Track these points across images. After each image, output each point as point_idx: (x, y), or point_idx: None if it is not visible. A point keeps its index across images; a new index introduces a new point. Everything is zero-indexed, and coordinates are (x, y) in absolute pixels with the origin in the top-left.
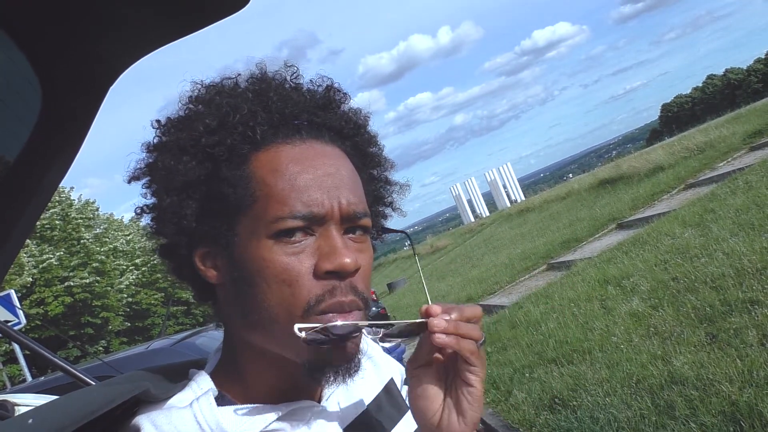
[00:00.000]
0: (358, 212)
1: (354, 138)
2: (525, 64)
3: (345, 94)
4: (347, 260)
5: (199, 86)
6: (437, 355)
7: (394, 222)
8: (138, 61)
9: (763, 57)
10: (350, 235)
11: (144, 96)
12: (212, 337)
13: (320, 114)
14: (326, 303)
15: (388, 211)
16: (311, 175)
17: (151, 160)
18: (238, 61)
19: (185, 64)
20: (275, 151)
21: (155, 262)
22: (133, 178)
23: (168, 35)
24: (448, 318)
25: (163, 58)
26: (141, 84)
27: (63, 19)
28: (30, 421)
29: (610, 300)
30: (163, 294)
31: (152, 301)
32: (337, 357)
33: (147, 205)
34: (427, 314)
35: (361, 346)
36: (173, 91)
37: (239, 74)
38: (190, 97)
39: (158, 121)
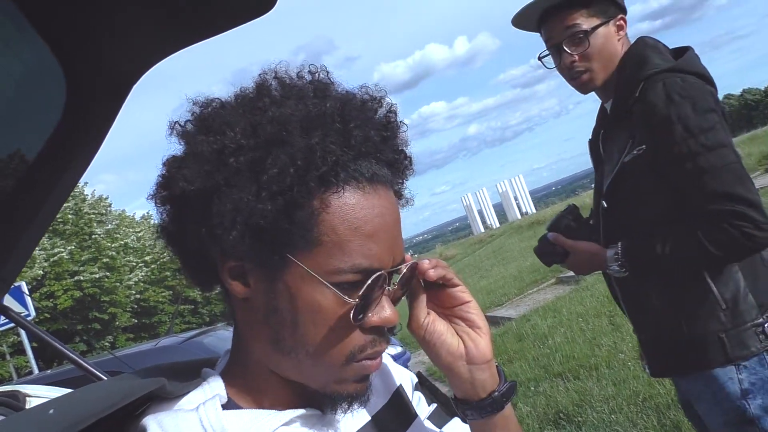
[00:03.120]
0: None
1: (404, 172)
2: (540, 77)
3: (397, 112)
4: (392, 316)
5: (265, 103)
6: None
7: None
8: (162, 61)
9: None
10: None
11: (158, 94)
12: (219, 337)
13: (384, 149)
14: (368, 352)
15: None
16: (374, 227)
17: (209, 184)
18: (253, 64)
19: (200, 65)
20: (346, 195)
21: (165, 260)
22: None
23: (194, 36)
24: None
25: (177, 58)
26: (155, 83)
27: (90, 15)
28: (51, 411)
29: (618, 316)
30: (170, 292)
31: (160, 299)
32: (358, 391)
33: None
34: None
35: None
36: (188, 90)
37: (300, 87)
38: (259, 107)
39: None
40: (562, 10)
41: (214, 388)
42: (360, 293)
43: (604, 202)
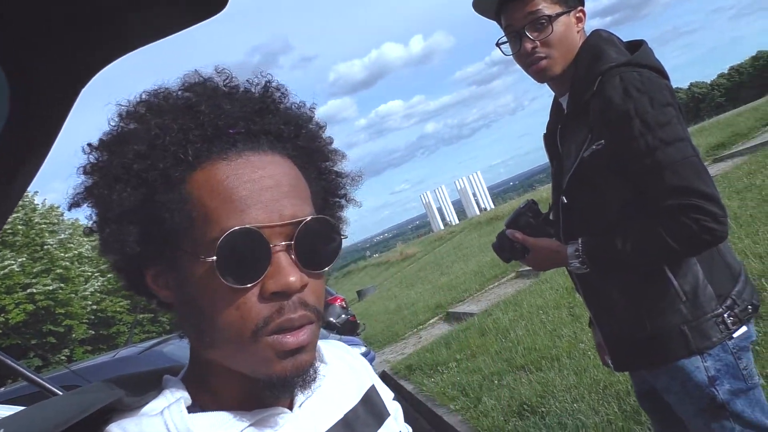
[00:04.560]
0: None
1: (296, 139)
2: (496, 74)
3: (284, 90)
4: (292, 279)
5: (129, 103)
6: None
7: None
8: (113, 63)
9: (725, 72)
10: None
11: (109, 97)
12: (180, 345)
13: (257, 120)
14: (275, 323)
15: (342, 202)
16: (248, 191)
17: (88, 184)
18: (207, 66)
19: (150, 66)
20: (210, 169)
21: None
22: (74, 204)
23: (142, 38)
24: None
25: (128, 59)
26: (104, 85)
27: (32, 17)
28: (1, 431)
29: (577, 307)
30: (129, 301)
31: (118, 309)
32: (290, 371)
33: (91, 228)
34: None
35: (319, 355)
36: (129, 96)
37: (167, 88)
38: (120, 114)
39: (90, 144)
40: None
41: (176, 393)
42: (227, 252)
43: (564, 197)
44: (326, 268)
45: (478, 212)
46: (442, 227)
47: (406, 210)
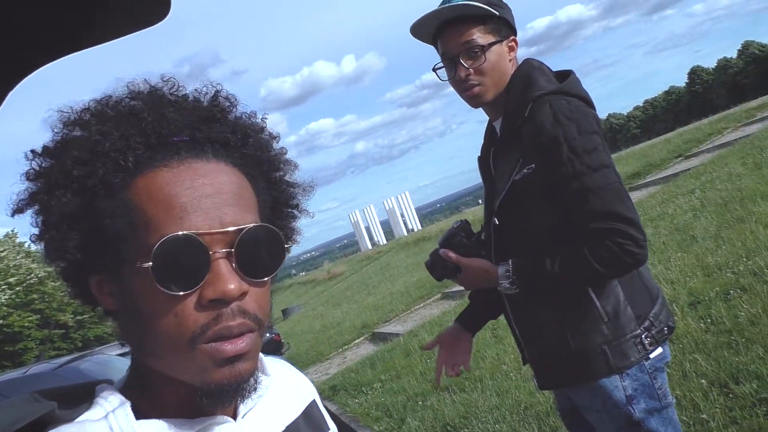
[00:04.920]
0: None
1: (242, 148)
2: (426, 97)
3: (233, 100)
4: (231, 287)
5: (72, 110)
6: None
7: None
8: (41, 67)
9: (641, 105)
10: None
11: (29, 102)
12: (97, 362)
13: (203, 128)
14: (212, 330)
15: (294, 212)
16: (188, 198)
17: (32, 190)
18: (133, 74)
19: (74, 72)
20: (151, 175)
21: (32, 281)
22: (17, 211)
23: (80, 42)
24: None
25: (54, 67)
26: (26, 90)
27: None
28: None
29: (501, 329)
30: (38, 316)
31: (26, 324)
32: (228, 379)
33: (36, 235)
34: None
35: (261, 366)
36: (60, 99)
37: (111, 95)
38: (64, 121)
39: (33, 151)
40: (460, 25)
41: (113, 401)
42: (164, 259)
43: (495, 219)
44: (268, 277)
45: (405, 233)
46: (369, 247)
47: (334, 228)
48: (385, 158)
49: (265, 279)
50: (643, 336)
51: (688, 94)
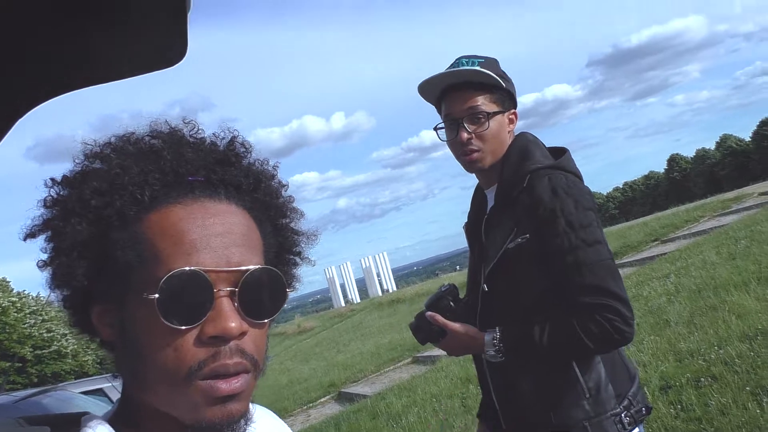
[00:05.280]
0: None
1: (254, 193)
2: (411, 159)
3: (248, 146)
4: (232, 325)
5: (95, 143)
6: None
7: None
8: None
9: (620, 186)
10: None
11: (13, 133)
12: (59, 398)
13: (218, 170)
14: (209, 367)
15: (297, 259)
16: (198, 235)
17: (47, 216)
18: (123, 112)
19: (65, 107)
20: (165, 211)
21: None
22: (30, 235)
23: (96, 77)
24: None
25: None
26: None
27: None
28: None
29: (470, 398)
30: None
31: None
32: (219, 419)
33: (44, 261)
34: None
35: (249, 407)
36: (48, 132)
37: (134, 131)
38: (86, 153)
39: (53, 179)
40: (468, 90)
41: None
42: (170, 292)
43: (485, 285)
44: (268, 319)
45: (380, 293)
46: (343, 304)
47: (309, 282)
48: (367, 216)
49: (265, 321)
50: (622, 415)
51: (667, 180)
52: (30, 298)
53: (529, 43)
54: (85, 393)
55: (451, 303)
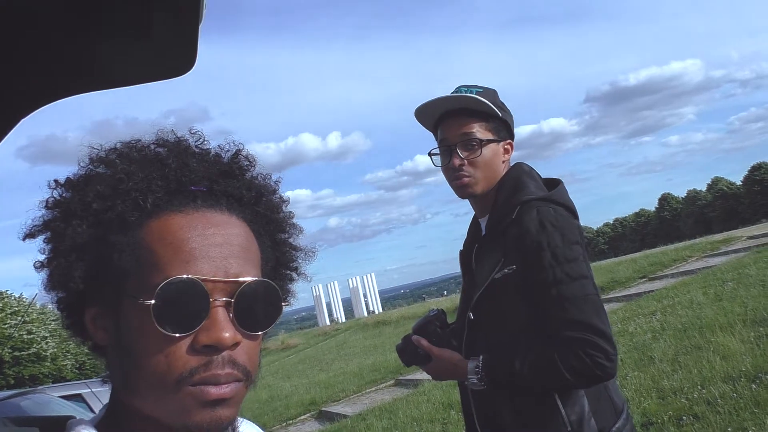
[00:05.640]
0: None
1: (255, 206)
2: (404, 183)
3: (252, 159)
4: (225, 335)
5: (101, 147)
6: None
7: None
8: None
9: (611, 222)
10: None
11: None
12: (37, 401)
13: (221, 181)
14: (200, 375)
15: (293, 275)
16: (197, 244)
17: (47, 218)
18: (117, 118)
19: (60, 110)
20: (166, 218)
21: None
22: (29, 235)
23: (99, 84)
24: None
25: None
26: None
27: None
28: None
29: (451, 425)
30: None
31: None
32: (208, 423)
33: (41, 261)
34: None
35: (237, 415)
36: (43, 133)
37: (140, 139)
38: (91, 157)
39: (56, 181)
40: (463, 117)
41: None
42: (166, 299)
43: (471, 313)
44: (262, 332)
45: (366, 313)
46: (328, 323)
47: (294, 299)
48: (357, 237)
49: (259, 333)
50: None
51: (657, 218)
52: (12, 298)
53: (528, 76)
54: (64, 398)
55: (438, 329)
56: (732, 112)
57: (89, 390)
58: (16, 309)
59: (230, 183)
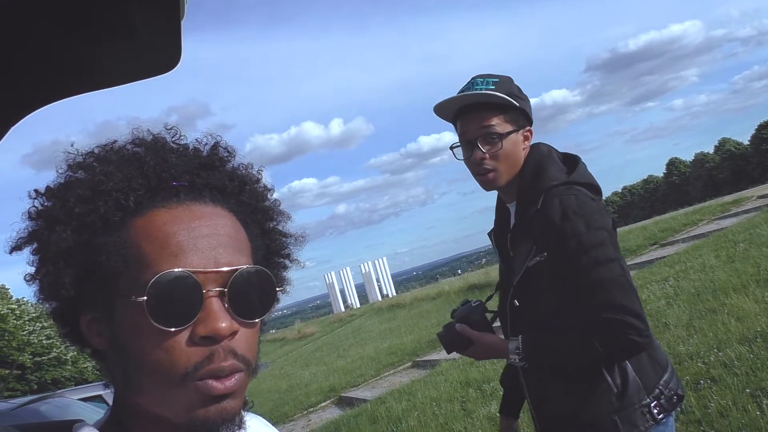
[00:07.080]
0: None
1: (239, 195)
2: (410, 165)
3: (232, 150)
4: (222, 325)
5: (77, 152)
6: None
7: None
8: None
9: (619, 191)
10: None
11: (11, 138)
12: (57, 405)
13: (202, 174)
14: (205, 369)
15: (286, 262)
16: (184, 237)
17: (32, 228)
18: (120, 119)
19: (63, 113)
20: (150, 215)
21: None
22: (15, 248)
23: (88, 84)
24: None
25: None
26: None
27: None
28: None
29: (470, 402)
30: None
31: None
32: (214, 416)
33: (31, 274)
34: None
35: (242, 406)
36: (46, 138)
37: (116, 140)
38: (69, 164)
39: (36, 190)
40: (482, 111)
41: None
42: (158, 294)
43: (515, 300)
44: (259, 319)
45: (380, 298)
46: (342, 309)
47: (308, 288)
48: (365, 222)
49: (256, 321)
50: (651, 405)
51: (666, 184)
52: (29, 305)
53: (526, 49)
54: (84, 400)
55: (480, 318)
56: (735, 71)
57: (109, 390)
58: (34, 315)
59: (211, 175)
